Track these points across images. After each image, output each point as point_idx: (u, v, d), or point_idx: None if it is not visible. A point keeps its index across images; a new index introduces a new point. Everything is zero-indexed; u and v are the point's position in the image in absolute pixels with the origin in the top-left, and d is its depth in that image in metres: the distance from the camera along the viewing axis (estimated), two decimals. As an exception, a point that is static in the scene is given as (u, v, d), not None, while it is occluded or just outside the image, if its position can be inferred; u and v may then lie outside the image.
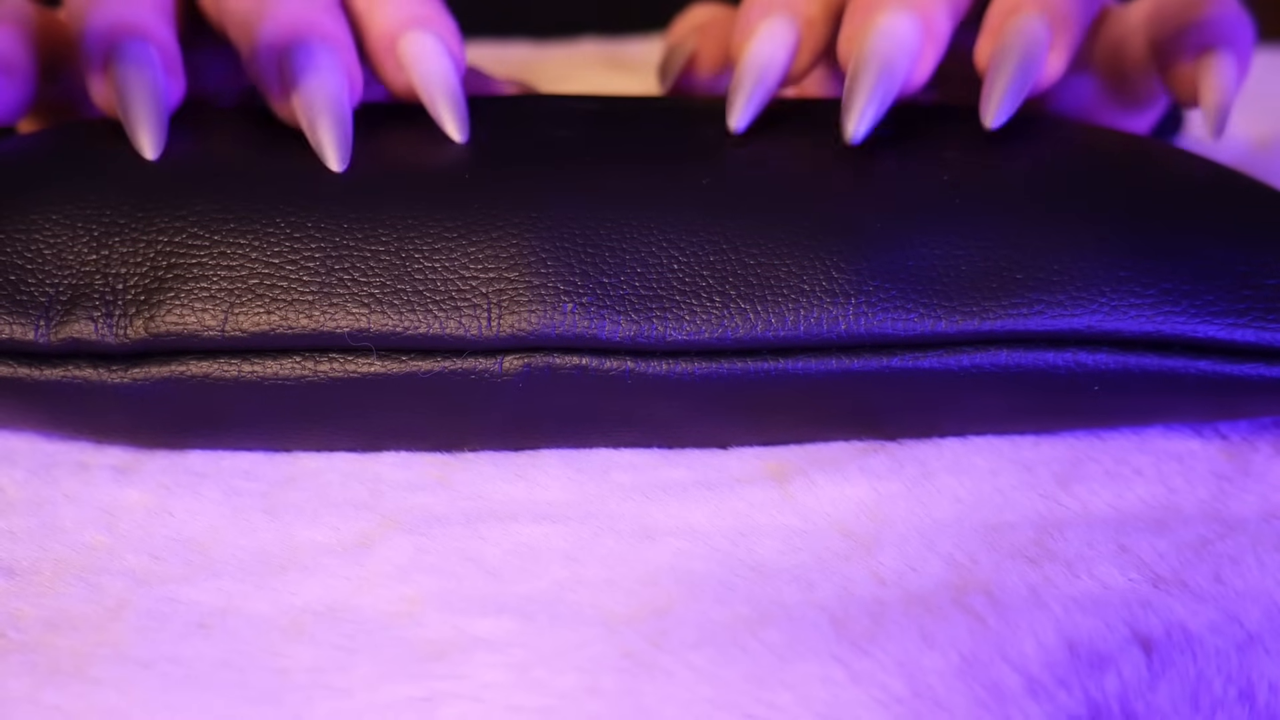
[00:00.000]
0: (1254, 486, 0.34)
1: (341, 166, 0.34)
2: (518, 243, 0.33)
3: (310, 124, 0.34)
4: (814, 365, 0.33)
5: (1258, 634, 0.29)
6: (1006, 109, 0.35)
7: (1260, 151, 0.55)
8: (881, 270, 0.33)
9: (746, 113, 0.36)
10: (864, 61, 0.35)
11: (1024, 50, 0.36)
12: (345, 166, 0.34)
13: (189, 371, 0.33)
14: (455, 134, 0.36)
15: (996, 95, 0.35)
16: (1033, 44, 0.36)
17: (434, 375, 0.33)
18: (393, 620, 0.30)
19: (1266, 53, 0.67)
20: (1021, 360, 0.33)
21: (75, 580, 0.31)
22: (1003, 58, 0.36)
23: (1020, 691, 0.28)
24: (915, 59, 0.35)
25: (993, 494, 0.34)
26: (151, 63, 0.35)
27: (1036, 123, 0.39)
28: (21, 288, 0.33)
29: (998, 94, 0.35)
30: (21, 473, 0.34)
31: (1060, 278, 0.33)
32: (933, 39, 0.36)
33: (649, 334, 0.32)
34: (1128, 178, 0.36)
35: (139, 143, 0.34)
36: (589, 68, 0.61)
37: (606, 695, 0.28)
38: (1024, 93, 0.35)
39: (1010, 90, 0.35)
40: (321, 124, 0.34)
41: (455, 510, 0.33)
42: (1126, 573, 0.31)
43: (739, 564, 0.31)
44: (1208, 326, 0.33)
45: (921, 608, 0.30)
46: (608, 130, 0.37)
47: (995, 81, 0.35)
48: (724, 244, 0.33)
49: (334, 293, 0.32)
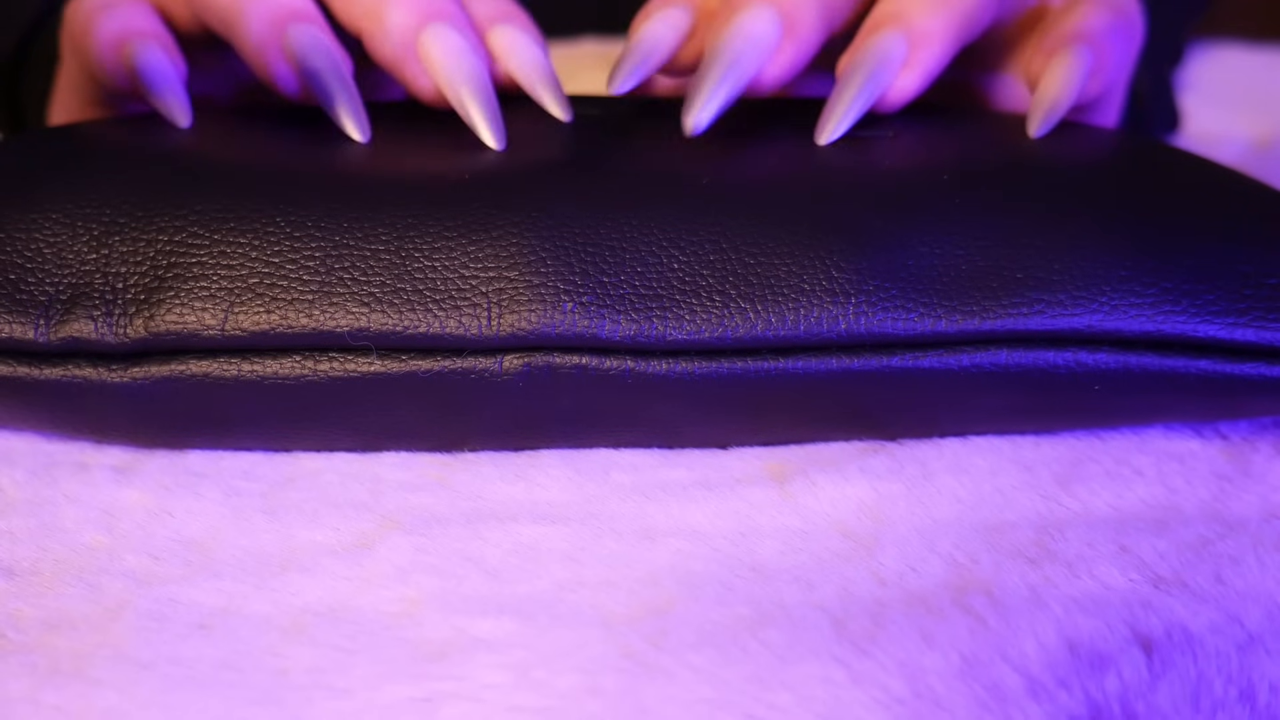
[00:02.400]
0: (1254, 487, 0.34)
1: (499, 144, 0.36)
2: (518, 242, 0.33)
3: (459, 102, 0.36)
4: (814, 365, 0.33)
5: (1258, 634, 0.29)
6: (841, 124, 0.36)
7: (1260, 151, 0.55)
8: (881, 270, 0.33)
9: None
10: (714, 54, 0.36)
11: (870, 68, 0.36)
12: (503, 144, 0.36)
13: (189, 371, 0.33)
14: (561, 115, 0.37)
15: (835, 110, 0.36)
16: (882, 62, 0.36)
17: (434, 375, 0.33)
18: (393, 621, 0.30)
19: (1266, 53, 0.67)
20: (1022, 360, 0.33)
21: (75, 581, 0.31)
22: (850, 74, 0.36)
23: (1021, 692, 0.28)
24: (768, 54, 0.36)
25: (993, 494, 0.34)
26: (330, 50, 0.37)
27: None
28: (21, 287, 0.33)
29: (837, 109, 0.36)
30: (21, 473, 0.34)
31: (1060, 277, 0.33)
32: (794, 38, 0.36)
33: (649, 333, 0.32)
34: (1128, 178, 0.36)
35: (347, 128, 0.36)
36: (589, 68, 0.61)
37: (607, 696, 0.28)
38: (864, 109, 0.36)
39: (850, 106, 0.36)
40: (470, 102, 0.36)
41: (455, 511, 0.33)
42: (1127, 573, 0.31)
43: (739, 564, 0.31)
44: (1208, 326, 0.33)
45: (922, 608, 0.30)
46: (608, 130, 0.37)
47: (837, 97, 0.36)
48: (724, 243, 0.33)
49: (334, 292, 0.32)
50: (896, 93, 0.37)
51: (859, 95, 0.36)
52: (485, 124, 0.36)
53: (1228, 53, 0.68)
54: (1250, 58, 0.67)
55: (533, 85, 0.37)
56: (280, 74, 0.36)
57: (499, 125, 0.36)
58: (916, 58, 0.37)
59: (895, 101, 0.37)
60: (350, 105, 0.36)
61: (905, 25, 0.37)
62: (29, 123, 0.50)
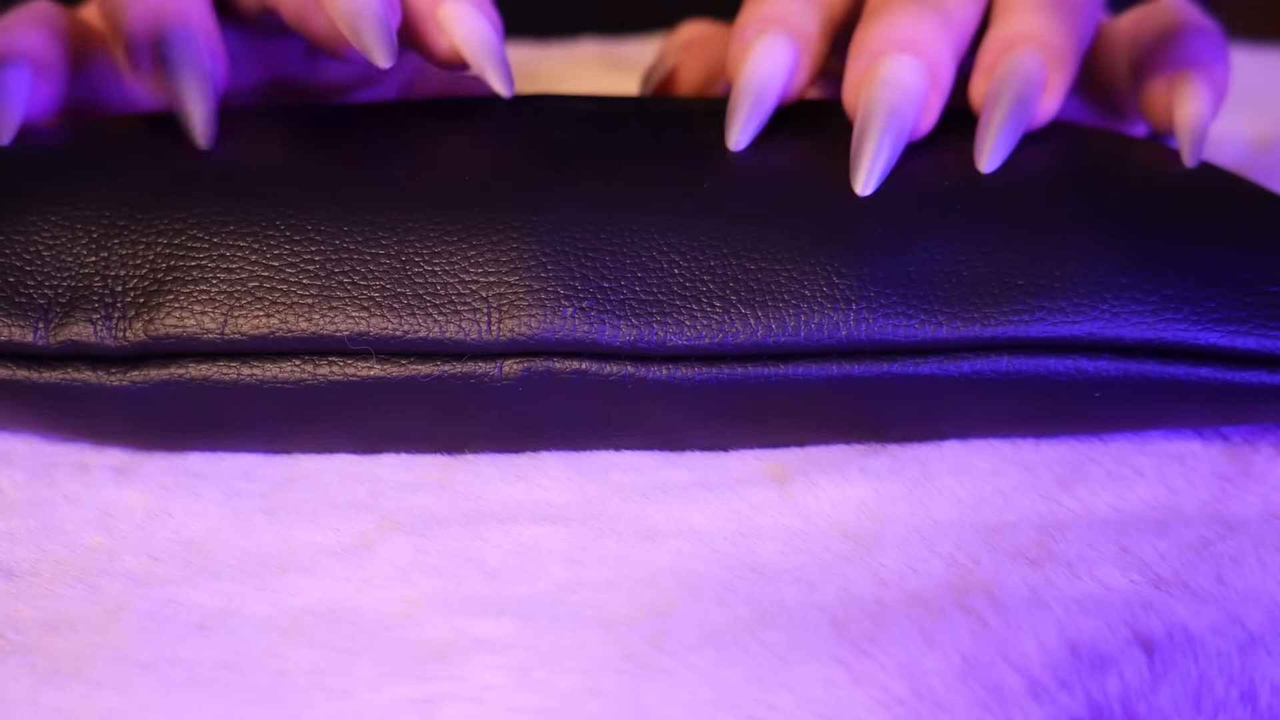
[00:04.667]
0: (1255, 487, 0.34)
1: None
2: (518, 246, 0.33)
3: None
4: (815, 371, 0.33)
5: (1260, 635, 0.29)
6: (1001, 151, 0.35)
7: (1260, 152, 0.55)
8: (882, 276, 0.33)
9: (746, 133, 0.35)
10: (871, 113, 0.34)
11: (1019, 91, 0.35)
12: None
13: (188, 374, 0.33)
14: (501, 89, 0.36)
15: (991, 137, 0.35)
16: (1028, 84, 0.35)
17: (434, 379, 0.33)
18: (393, 621, 0.30)
19: (1266, 53, 0.67)
20: (1022, 367, 0.33)
21: (75, 582, 0.31)
22: (998, 98, 0.35)
23: (1022, 693, 0.28)
24: (921, 107, 0.35)
25: (994, 495, 0.34)
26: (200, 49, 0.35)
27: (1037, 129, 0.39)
28: (20, 290, 0.33)
29: (992, 136, 0.35)
30: (21, 473, 0.34)
31: (1062, 284, 0.33)
32: (937, 85, 0.35)
33: (649, 339, 0.32)
34: (1130, 184, 0.36)
35: (193, 133, 0.34)
36: (589, 68, 0.61)
37: (607, 696, 0.28)
38: (1020, 134, 0.35)
39: (1005, 132, 0.35)
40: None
41: (455, 511, 0.33)
42: (1128, 574, 0.31)
43: (740, 565, 0.31)
44: (1209, 333, 0.33)
45: (922, 609, 0.30)
46: (608, 133, 0.37)
47: (990, 122, 0.35)
48: (725, 248, 0.33)
49: (334, 296, 0.32)
50: (1041, 116, 0.36)
51: (1014, 119, 0.35)
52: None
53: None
54: (1250, 58, 0.66)
55: (475, 57, 0.36)
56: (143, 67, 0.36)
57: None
58: (1054, 81, 0.36)
59: (1040, 124, 0.36)
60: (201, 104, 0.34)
61: (1043, 46, 0.36)
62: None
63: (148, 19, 0.35)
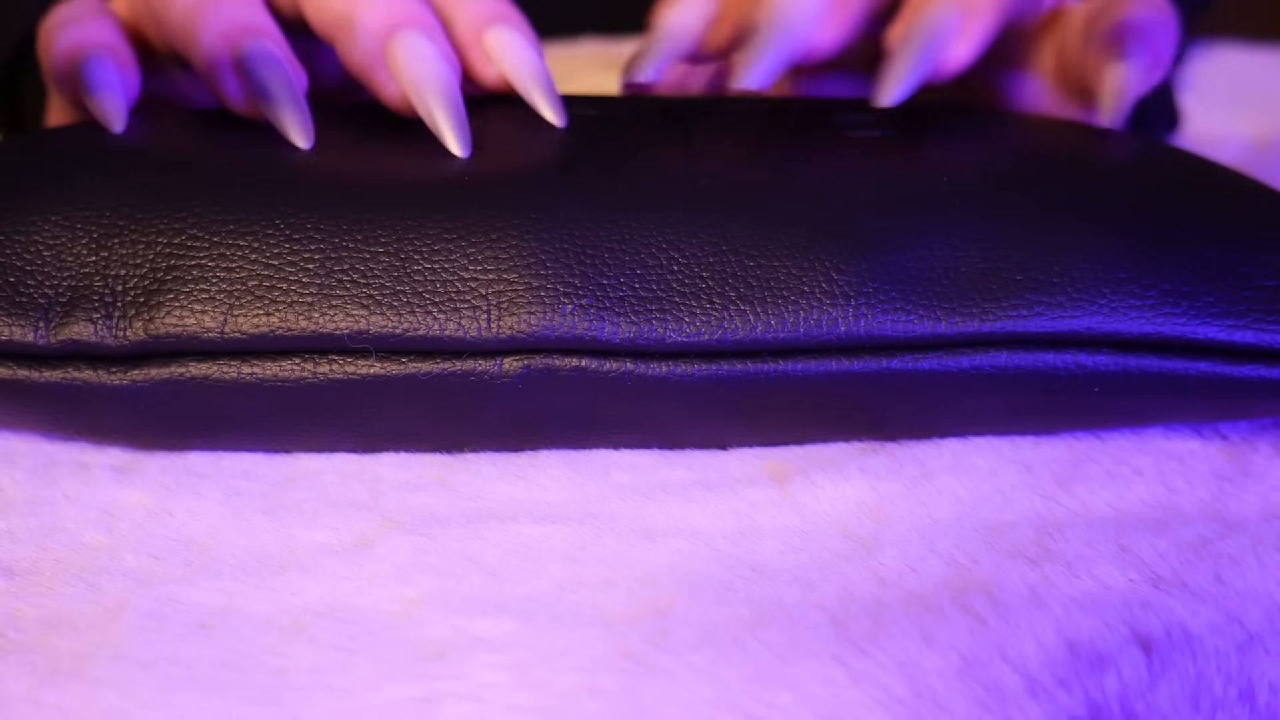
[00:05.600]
0: (1254, 486, 0.34)
1: (464, 152, 0.35)
2: (517, 244, 0.33)
3: (426, 110, 0.36)
4: (814, 367, 0.33)
5: (1258, 634, 0.29)
6: (902, 87, 0.37)
7: (1260, 151, 0.55)
8: (881, 272, 0.33)
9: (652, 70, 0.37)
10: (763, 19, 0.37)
11: (928, 33, 0.37)
12: (468, 151, 0.35)
13: (188, 373, 0.33)
14: (554, 119, 0.37)
15: (895, 74, 0.37)
16: (939, 28, 0.37)
17: (433, 377, 0.33)
18: (393, 620, 0.30)
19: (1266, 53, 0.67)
20: (1021, 362, 0.33)
21: (75, 580, 0.31)
22: (907, 39, 0.37)
23: (1020, 691, 0.28)
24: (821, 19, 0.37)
25: (993, 494, 0.34)
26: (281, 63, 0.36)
27: (1036, 124, 0.39)
28: (21, 289, 0.33)
29: (895, 72, 0.37)
30: (21, 473, 0.34)
31: (1060, 279, 0.33)
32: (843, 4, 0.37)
33: (648, 335, 0.32)
34: (1128, 179, 0.36)
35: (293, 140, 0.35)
36: (588, 68, 0.61)
37: (607, 696, 0.28)
38: (924, 74, 0.37)
39: (909, 70, 0.37)
40: (437, 109, 0.36)
41: (455, 511, 0.33)
42: (1126, 573, 0.31)
43: (739, 564, 0.31)
44: (1207, 328, 0.33)
45: (921, 608, 0.30)
46: (607, 131, 0.37)
47: (896, 60, 0.37)
48: (723, 245, 0.33)
49: (333, 294, 0.32)
50: (952, 62, 0.38)
51: (919, 60, 0.37)
52: (451, 131, 0.35)
53: (1228, 53, 0.68)
54: (1250, 58, 0.67)
55: (526, 88, 0.37)
56: (230, 88, 0.36)
57: (465, 133, 0.35)
58: (970, 28, 0.38)
59: (949, 71, 0.38)
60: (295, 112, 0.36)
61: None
62: (28, 123, 0.50)
63: (224, 40, 0.36)
